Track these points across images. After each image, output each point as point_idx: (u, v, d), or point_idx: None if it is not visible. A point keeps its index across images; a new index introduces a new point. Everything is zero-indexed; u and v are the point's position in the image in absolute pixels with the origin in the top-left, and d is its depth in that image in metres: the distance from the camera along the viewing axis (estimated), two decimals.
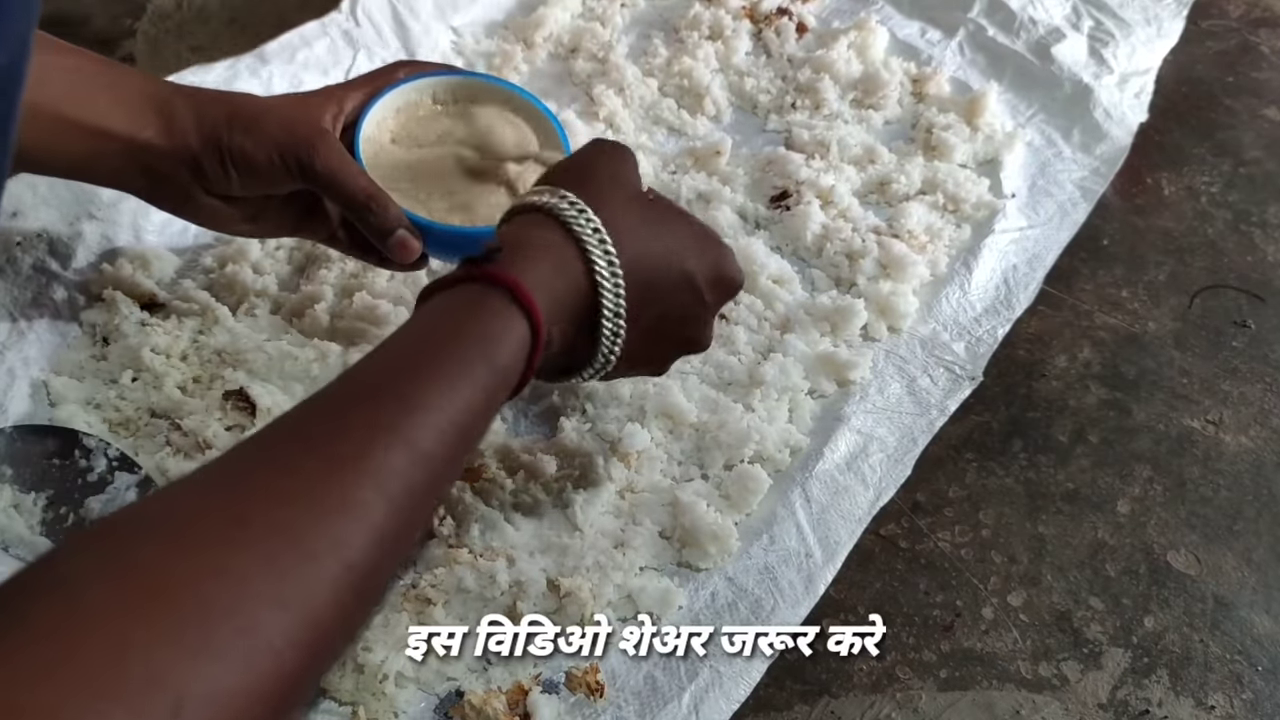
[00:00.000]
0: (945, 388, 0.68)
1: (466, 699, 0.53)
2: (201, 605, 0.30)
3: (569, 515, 0.59)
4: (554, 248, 0.47)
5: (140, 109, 0.56)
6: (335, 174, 0.57)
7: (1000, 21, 0.90)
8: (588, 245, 0.48)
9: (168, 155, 0.57)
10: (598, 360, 0.50)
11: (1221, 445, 0.68)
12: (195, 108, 0.57)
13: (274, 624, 0.31)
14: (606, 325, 0.49)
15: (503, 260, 0.46)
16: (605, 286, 0.48)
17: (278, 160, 0.56)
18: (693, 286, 0.52)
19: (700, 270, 0.52)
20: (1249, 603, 0.60)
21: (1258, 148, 0.86)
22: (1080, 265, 0.77)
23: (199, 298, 0.67)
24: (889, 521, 0.62)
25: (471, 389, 0.41)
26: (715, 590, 0.58)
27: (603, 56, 0.85)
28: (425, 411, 0.39)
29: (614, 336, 0.50)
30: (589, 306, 0.48)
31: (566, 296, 0.47)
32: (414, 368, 0.41)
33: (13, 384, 0.63)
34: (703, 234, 0.53)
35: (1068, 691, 0.57)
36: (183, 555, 0.31)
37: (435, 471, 0.38)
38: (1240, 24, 0.97)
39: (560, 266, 0.47)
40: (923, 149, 0.81)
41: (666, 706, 0.53)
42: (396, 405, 0.39)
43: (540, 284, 0.46)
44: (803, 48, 0.88)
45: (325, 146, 0.57)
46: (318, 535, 0.34)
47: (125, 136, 0.56)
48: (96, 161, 0.57)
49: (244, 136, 0.56)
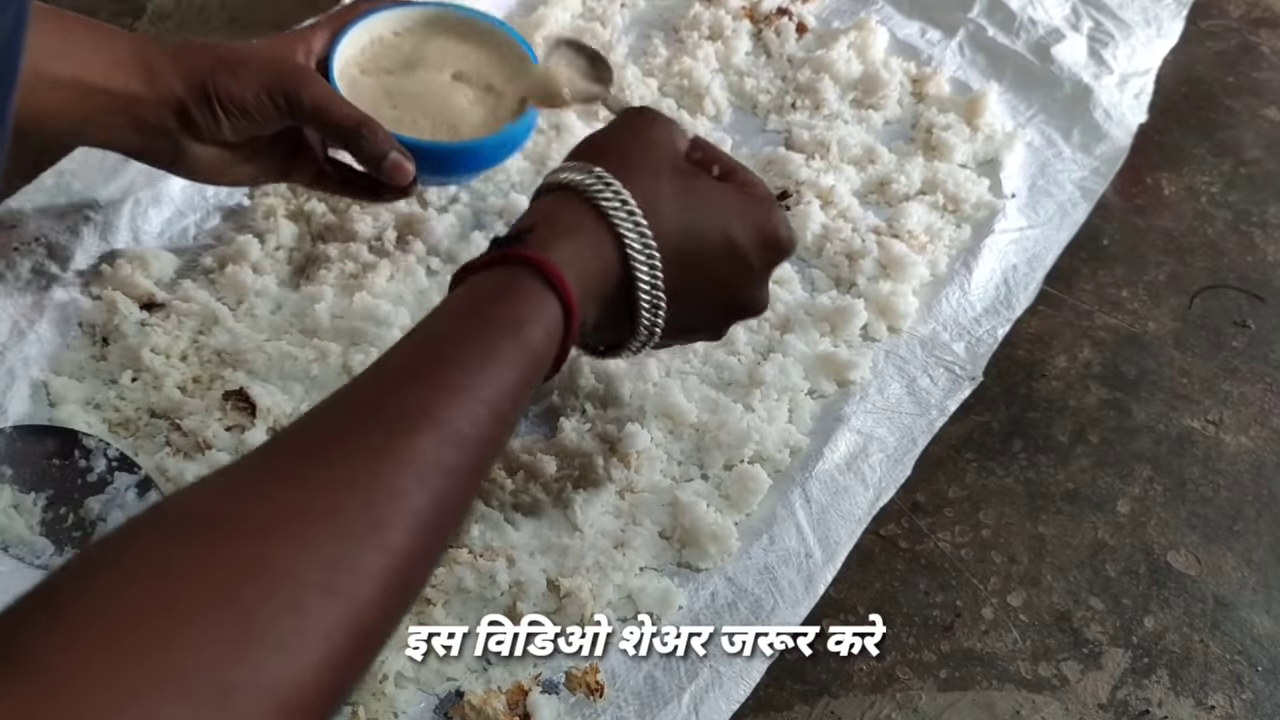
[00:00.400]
0: (945, 388, 0.68)
1: (466, 699, 0.53)
2: (244, 597, 0.30)
3: (569, 515, 0.59)
4: (584, 225, 0.47)
5: (124, 62, 0.57)
6: (323, 105, 0.58)
7: (1000, 22, 0.90)
8: (616, 220, 0.47)
9: (156, 106, 0.58)
10: (640, 335, 0.50)
11: (1221, 445, 0.68)
12: (177, 57, 0.58)
13: (322, 610, 0.31)
14: (644, 300, 0.49)
15: (532, 240, 0.46)
16: (638, 261, 0.47)
17: (266, 99, 0.58)
18: (736, 252, 0.51)
19: (743, 234, 0.51)
20: (1249, 603, 0.60)
21: (1258, 148, 0.86)
22: (1080, 265, 0.77)
23: (199, 298, 0.67)
24: (889, 521, 0.62)
25: (506, 370, 0.41)
26: (715, 590, 0.58)
27: None
28: (459, 394, 0.39)
29: (654, 311, 0.49)
30: (624, 282, 0.48)
31: (599, 273, 0.47)
32: (446, 352, 0.41)
33: (12, 384, 0.63)
34: (746, 196, 0.52)
35: (1068, 692, 0.57)
36: (220, 551, 0.31)
37: (473, 454, 0.38)
38: (1240, 24, 0.97)
39: (591, 243, 0.47)
40: (923, 149, 0.81)
41: (666, 706, 0.53)
42: (430, 391, 0.39)
43: (570, 262, 0.45)
44: (803, 48, 0.88)
45: (310, 80, 0.58)
46: (360, 523, 0.34)
47: (112, 90, 0.57)
48: (87, 119, 0.57)
49: (230, 79, 0.57)
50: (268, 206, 0.72)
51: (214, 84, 0.57)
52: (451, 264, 0.71)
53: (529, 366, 0.43)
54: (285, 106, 0.58)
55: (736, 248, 0.51)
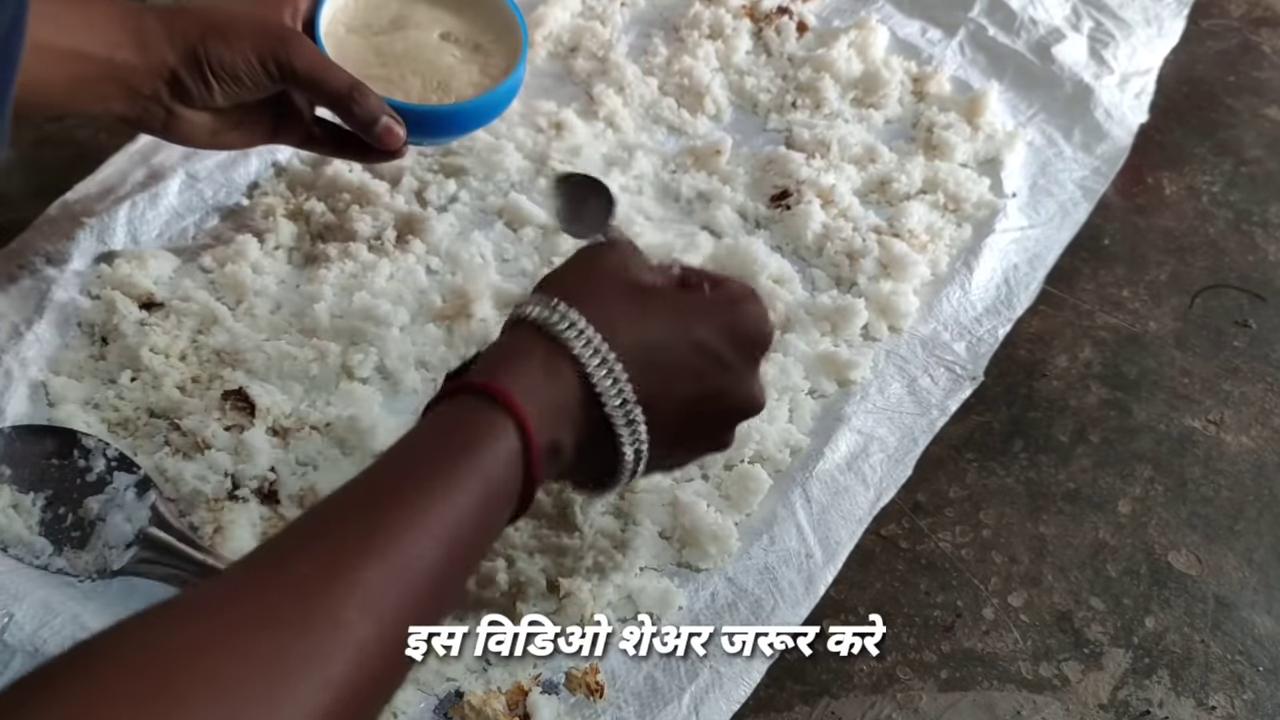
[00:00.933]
0: (946, 388, 0.68)
1: (466, 699, 0.53)
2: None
3: (569, 515, 0.59)
4: (539, 353, 0.46)
5: (113, 30, 0.57)
6: (314, 70, 0.58)
7: (1001, 21, 0.90)
8: (567, 340, 0.45)
9: (147, 74, 0.58)
10: (624, 457, 0.47)
11: (1222, 445, 0.67)
12: (165, 22, 0.58)
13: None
14: (616, 417, 0.46)
15: (486, 370, 0.45)
16: (597, 377, 0.45)
17: (258, 65, 0.58)
18: (709, 353, 0.49)
19: (712, 334, 0.49)
20: (1250, 603, 0.60)
21: (1259, 147, 0.86)
22: (1081, 265, 0.77)
23: (198, 297, 0.67)
24: (889, 522, 0.62)
25: (462, 498, 0.40)
26: (715, 590, 0.58)
27: (603, 55, 0.85)
28: (412, 525, 0.38)
29: (630, 427, 0.47)
30: (593, 406, 0.46)
31: (562, 400, 0.45)
32: (398, 483, 0.40)
33: (11, 384, 0.62)
34: (714, 297, 0.51)
35: (1068, 692, 0.57)
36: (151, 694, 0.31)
37: (427, 586, 0.38)
38: (1241, 23, 0.97)
39: (549, 371, 0.45)
40: (923, 148, 0.81)
41: (666, 707, 0.53)
42: (382, 519, 0.38)
43: (526, 390, 0.44)
44: (803, 47, 0.88)
45: (300, 45, 0.58)
46: (298, 657, 0.33)
47: (102, 58, 0.57)
48: (79, 88, 0.57)
49: (221, 46, 0.57)
50: (267, 206, 0.72)
51: (205, 51, 0.57)
52: (451, 264, 0.71)
53: (490, 495, 0.42)
54: (277, 72, 0.58)
55: (706, 348, 0.49)
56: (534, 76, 0.85)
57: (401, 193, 0.74)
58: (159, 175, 0.73)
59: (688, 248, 0.72)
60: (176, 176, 0.73)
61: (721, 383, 0.50)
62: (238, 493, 0.59)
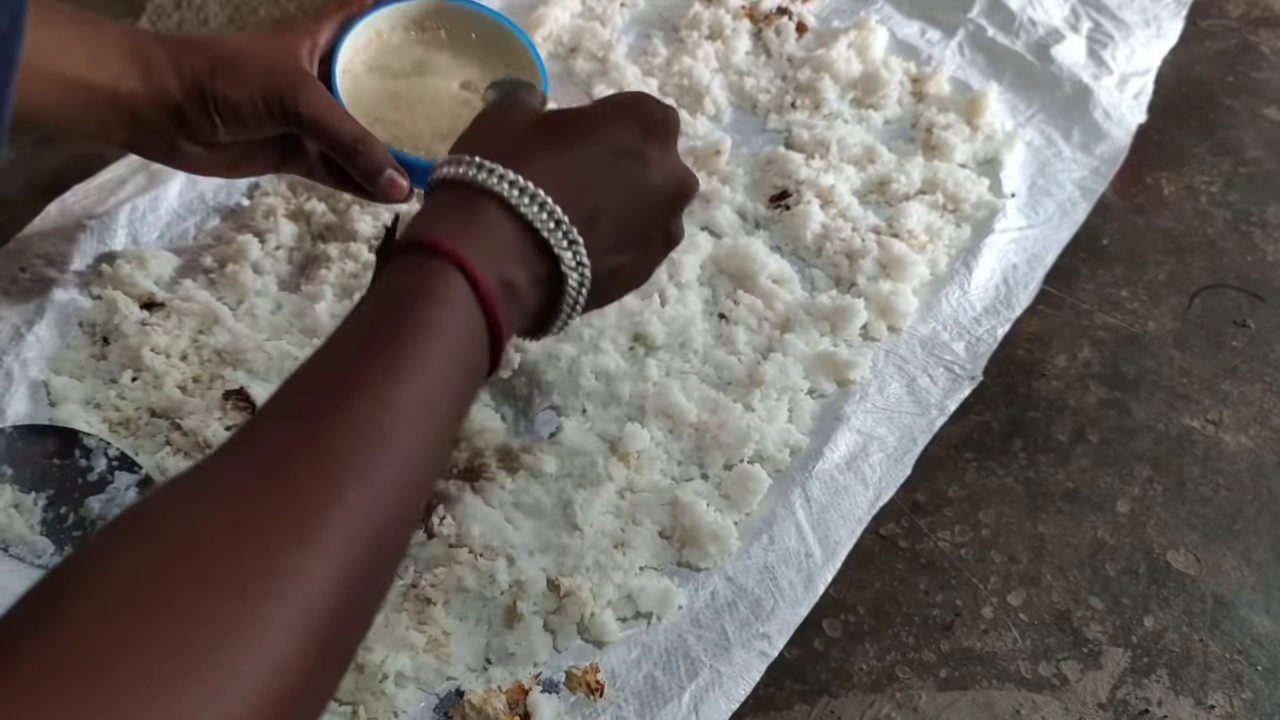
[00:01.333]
0: (945, 387, 0.68)
1: (466, 699, 0.53)
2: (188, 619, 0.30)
3: (569, 515, 0.59)
4: (460, 204, 0.46)
5: (119, 59, 0.57)
6: (320, 118, 0.57)
7: (1000, 22, 0.90)
8: (485, 185, 0.46)
9: (151, 104, 0.57)
10: (568, 275, 0.47)
11: (1221, 445, 0.68)
12: (173, 55, 0.57)
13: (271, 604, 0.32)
14: (555, 243, 0.46)
15: (411, 232, 0.45)
16: (522, 208, 0.46)
17: (262, 107, 0.57)
18: (623, 149, 0.49)
19: (620, 133, 0.49)
20: (1249, 602, 0.60)
21: (1258, 147, 0.86)
22: (1080, 265, 0.77)
23: (199, 297, 0.67)
24: (889, 521, 0.62)
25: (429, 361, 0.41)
26: (715, 590, 0.58)
27: (603, 56, 0.85)
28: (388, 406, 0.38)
29: (572, 250, 0.47)
30: (528, 237, 0.46)
31: (498, 241, 0.45)
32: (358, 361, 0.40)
33: (12, 384, 0.63)
34: (605, 105, 0.51)
35: (1067, 691, 0.57)
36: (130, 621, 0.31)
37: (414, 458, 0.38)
38: (1240, 24, 0.97)
39: (474, 216, 0.45)
40: (923, 149, 0.81)
41: (666, 706, 0.53)
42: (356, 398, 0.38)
43: (457, 236, 0.44)
44: (802, 47, 0.88)
45: (308, 90, 0.57)
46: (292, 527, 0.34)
47: (106, 87, 0.56)
48: (80, 114, 0.57)
49: (227, 84, 0.57)
50: (268, 206, 0.72)
51: (211, 87, 0.57)
52: None
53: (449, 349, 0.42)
54: (282, 116, 0.57)
55: (618, 146, 0.49)
56: None
57: None
58: (160, 177, 0.74)
59: (687, 248, 0.72)
60: (177, 179, 0.73)
61: (647, 173, 0.50)
62: None
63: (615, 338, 0.67)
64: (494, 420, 0.64)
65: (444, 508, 0.59)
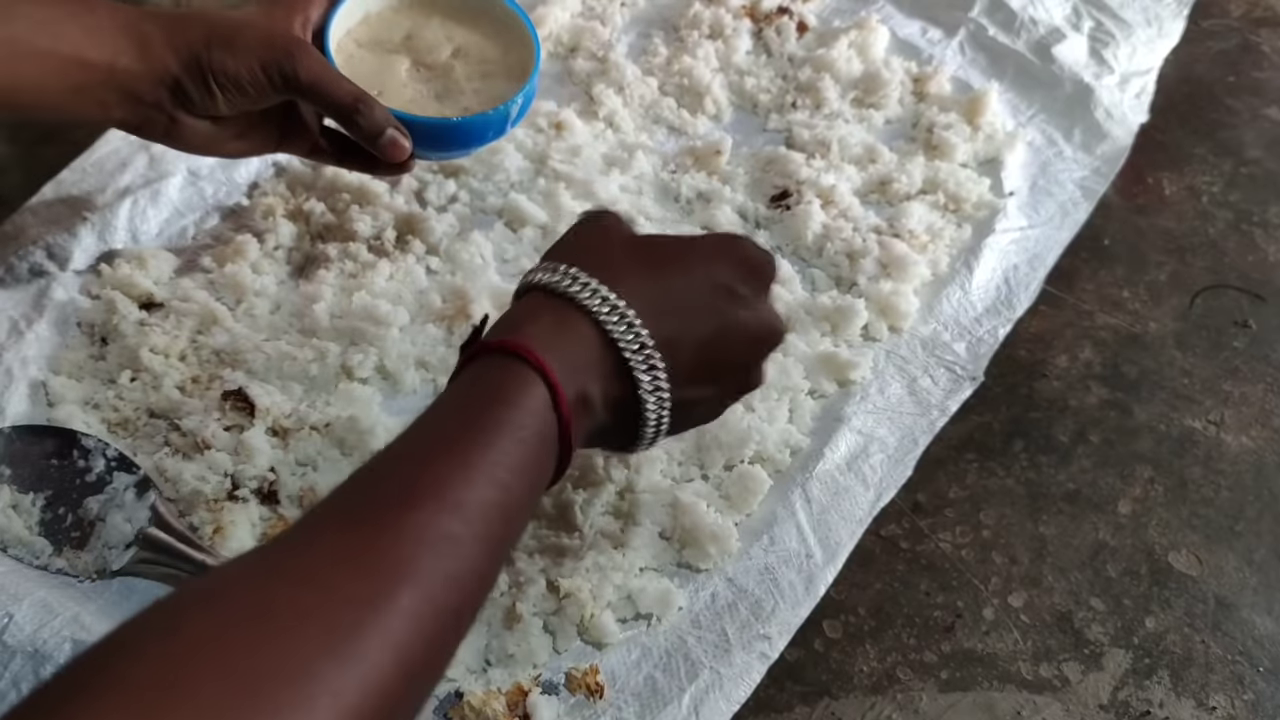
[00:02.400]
0: (946, 388, 0.68)
1: (466, 700, 0.53)
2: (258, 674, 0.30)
3: (568, 516, 0.59)
4: (550, 312, 0.46)
5: (115, 36, 0.56)
6: (319, 81, 0.57)
7: (1001, 21, 0.90)
8: (577, 298, 0.46)
9: (148, 81, 0.57)
10: (648, 405, 0.47)
11: (1223, 445, 0.67)
12: (168, 30, 0.57)
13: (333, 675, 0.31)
14: (635, 364, 0.46)
15: (501, 333, 0.45)
16: (609, 325, 0.46)
17: (261, 75, 0.57)
18: (719, 287, 0.50)
19: (719, 269, 0.50)
20: (1250, 603, 0.60)
21: (1259, 147, 0.86)
22: (1081, 265, 0.77)
23: (197, 297, 0.67)
24: (889, 522, 0.62)
25: (505, 443, 0.41)
26: (715, 591, 0.58)
27: (602, 55, 0.85)
28: (466, 468, 0.39)
29: (650, 374, 0.47)
30: (610, 354, 0.46)
31: (580, 353, 0.46)
32: (441, 436, 0.41)
33: (11, 384, 0.63)
34: (709, 239, 0.52)
35: (1069, 692, 0.57)
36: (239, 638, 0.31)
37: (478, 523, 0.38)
38: (1241, 23, 0.97)
39: (562, 326, 0.46)
40: (924, 148, 0.81)
41: (666, 707, 0.53)
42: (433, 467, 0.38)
43: (544, 344, 0.44)
44: (803, 47, 0.88)
45: (306, 55, 0.57)
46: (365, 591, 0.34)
47: (103, 65, 0.56)
48: (79, 95, 0.57)
49: (225, 54, 0.56)
50: (266, 206, 0.72)
51: (209, 59, 0.56)
52: (450, 264, 0.71)
53: (524, 441, 0.42)
54: (281, 82, 0.57)
55: (715, 282, 0.50)
56: None
57: (401, 193, 0.74)
58: (160, 167, 0.73)
59: None
60: (178, 172, 0.73)
61: (737, 313, 0.50)
62: (237, 493, 0.59)
63: None
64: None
65: None
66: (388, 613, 0.33)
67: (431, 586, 0.35)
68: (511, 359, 0.44)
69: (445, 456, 0.39)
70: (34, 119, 0.69)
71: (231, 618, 0.32)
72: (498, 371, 0.44)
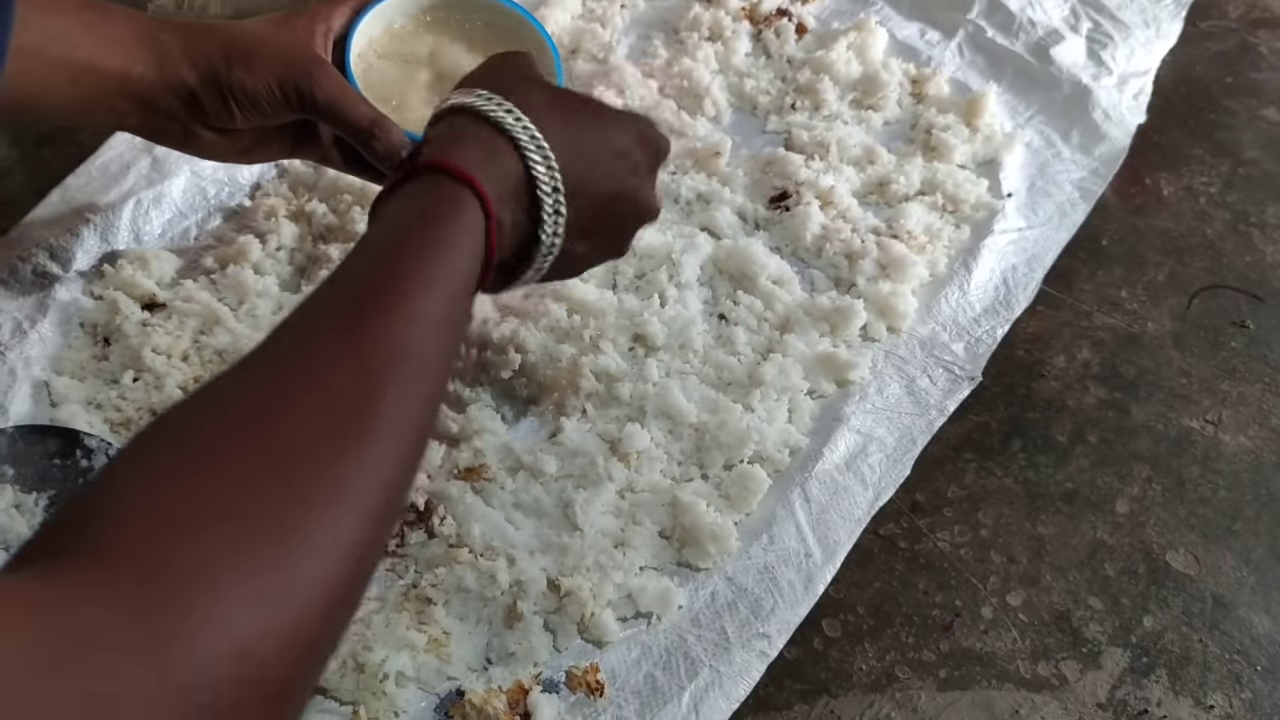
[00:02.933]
0: (944, 388, 0.68)
1: (466, 699, 0.53)
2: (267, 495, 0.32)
3: (569, 515, 0.59)
4: (481, 136, 0.48)
5: (130, 45, 0.56)
6: (337, 103, 0.57)
7: (999, 23, 0.90)
8: (507, 127, 0.48)
9: (163, 91, 0.57)
10: (544, 241, 0.50)
11: (1220, 445, 0.68)
12: (186, 41, 0.57)
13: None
14: (546, 205, 0.49)
15: (441, 151, 0.47)
16: (534, 163, 0.48)
17: (278, 93, 0.57)
18: (624, 154, 0.52)
19: (626, 139, 0.53)
20: (1248, 602, 0.61)
21: (1256, 148, 0.86)
22: (1079, 265, 0.77)
23: (200, 298, 0.67)
24: (888, 521, 0.63)
25: (451, 267, 0.43)
26: (715, 590, 0.58)
27: (603, 57, 0.85)
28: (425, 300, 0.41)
29: (554, 218, 0.49)
30: (525, 189, 0.48)
31: (503, 180, 0.48)
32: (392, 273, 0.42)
33: (14, 384, 0.63)
34: (619, 111, 0.55)
35: (1067, 691, 0.57)
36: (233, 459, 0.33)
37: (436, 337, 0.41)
38: (1239, 25, 0.97)
39: (494, 154, 0.48)
40: (922, 150, 0.81)
41: (666, 706, 0.53)
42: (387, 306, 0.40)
43: (480, 169, 0.46)
44: (802, 49, 0.88)
45: (324, 76, 0.58)
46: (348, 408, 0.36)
47: (118, 74, 0.56)
48: (93, 102, 0.57)
49: (243, 71, 0.57)
50: (269, 207, 0.72)
51: (226, 74, 0.56)
52: None
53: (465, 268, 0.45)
54: (298, 101, 0.57)
55: (621, 150, 0.52)
56: None
57: None
58: (163, 168, 0.74)
59: (687, 249, 0.72)
60: (181, 173, 0.74)
61: (631, 184, 0.53)
62: None
63: (615, 338, 0.67)
64: (494, 421, 0.64)
65: (444, 508, 0.59)
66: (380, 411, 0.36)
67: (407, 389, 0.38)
68: (449, 179, 0.46)
69: (405, 269, 0.41)
70: (45, 123, 0.69)
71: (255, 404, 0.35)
72: (439, 192, 0.45)
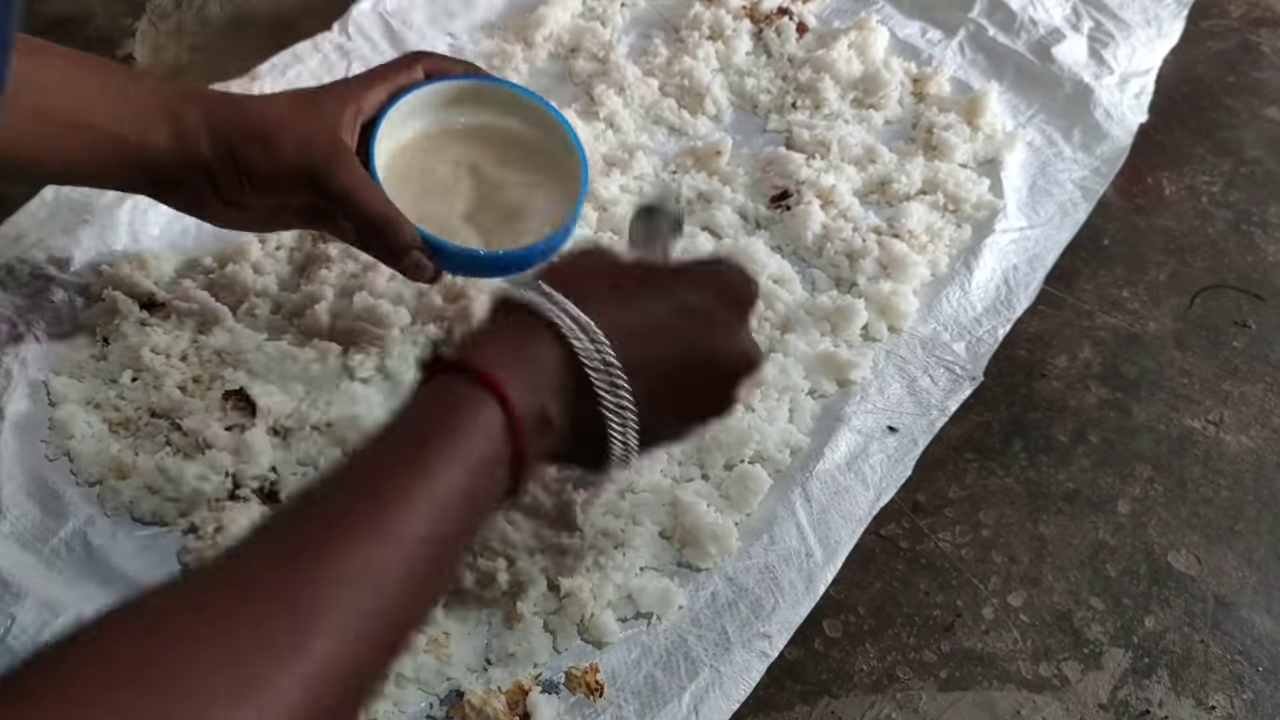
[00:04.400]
0: (946, 388, 0.68)
1: (466, 699, 0.53)
2: None
3: (569, 515, 0.59)
4: (514, 327, 0.46)
5: (149, 114, 0.56)
6: (352, 195, 0.56)
7: (1000, 22, 0.90)
8: (544, 313, 0.45)
9: (179, 162, 0.56)
10: (614, 427, 0.46)
11: (1222, 445, 0.68)
12: (206, 114, 0.56)
13: None
14: (599, 383, 0.45)
15: (459, 350, 0.45)
16: (574, 342, 0.45)
17: (294, 177, 0.56)
18: (693, 312, 0.48)
19: (695, 295, 0.49)
20: (1250, 603, 0.60)
21: (1258, 147, 0.86)
22: (1081, 265, 0.77)
23: (199, 298, 0.67)
24: (889, 521, 0.62)
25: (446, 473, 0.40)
26: (715, 590, 0.58)
27: (603, 56, 0.85)
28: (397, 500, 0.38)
29: (614, 394, 0.46)
30: (575, 372, 0.45)
31: (543, 370, 0.45)
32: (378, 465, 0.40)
33: (12, 383, 0.63)
34: (691, 266, 0.51)
35: (1068, 692, 0.57)
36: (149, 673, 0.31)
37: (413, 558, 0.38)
38: (1241, 24, 0.97)
39: (526, 342, 0.45)
40: (923, 149, 0.81)
41: (666, 706, 0.53)
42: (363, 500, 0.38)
43: (503, 362, 0.44)
44: (803, 47, 0.88)
45: (342, 166, 0.56)
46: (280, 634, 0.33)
47: (135, 142, 0.56)
48: (107, 168, 0.57)
49: (260, 151, 0.56)
50: None
51: (243, 153, 0.56)
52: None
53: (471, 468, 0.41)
54: (313, 188, 0.56)
55: (689, 308, 0.48)
56: (534, 77, 0.85)
57: None
58: None
59: (688, 248, 0.72)
60: None
61: (710, 339, 0.49)
62: (239, 493, 0.59)
63: None
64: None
65: None
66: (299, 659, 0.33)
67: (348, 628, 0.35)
68: (465, 379, 0.43)
69: (390, 485, 0.39)
70: (55, 183, 0.69)
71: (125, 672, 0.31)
72: (450, 393, 0.43)
